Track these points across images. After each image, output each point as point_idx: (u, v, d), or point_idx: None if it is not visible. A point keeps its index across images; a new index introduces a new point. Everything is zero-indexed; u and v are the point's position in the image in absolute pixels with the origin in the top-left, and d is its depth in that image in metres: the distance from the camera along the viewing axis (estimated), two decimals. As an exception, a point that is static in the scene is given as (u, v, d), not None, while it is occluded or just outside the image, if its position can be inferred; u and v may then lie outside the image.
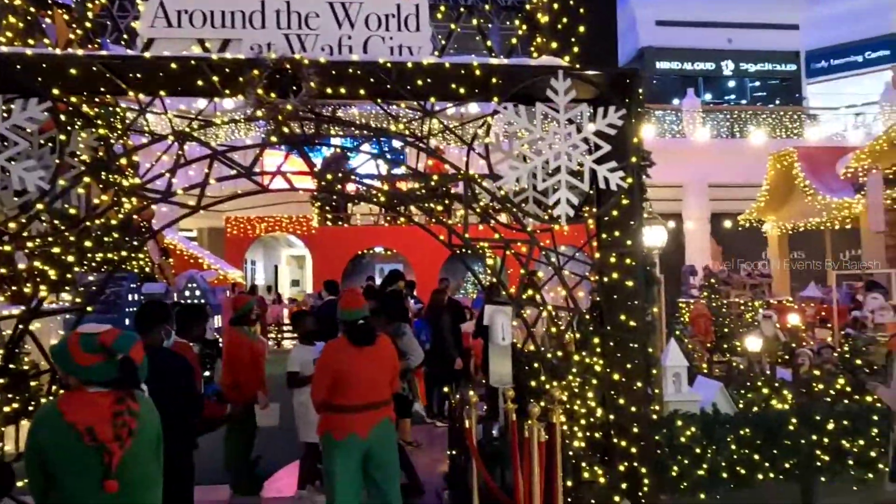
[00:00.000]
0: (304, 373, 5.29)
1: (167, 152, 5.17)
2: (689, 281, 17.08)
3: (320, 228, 17.76)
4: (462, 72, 4.72)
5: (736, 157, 20.75)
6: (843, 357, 6.65)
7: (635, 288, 4.86)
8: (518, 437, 4.20)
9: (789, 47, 26.72)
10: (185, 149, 4.85)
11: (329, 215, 17.73)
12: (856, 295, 11.64)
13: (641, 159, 4.98)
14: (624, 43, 26.57)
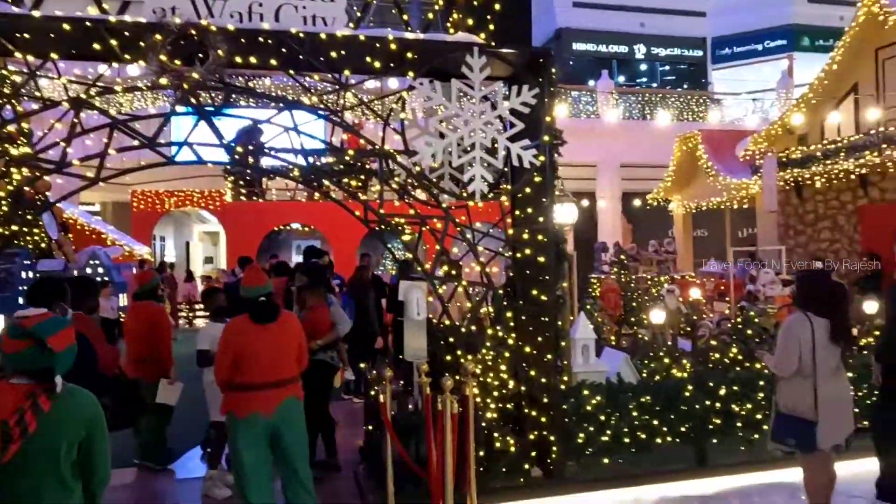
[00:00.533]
0: (214, 350, 5.16)
1: (62, 120, 4.85)
2: (601, 257, 17.71)
3: (234, 203, 17.18)
4: (377, 45, 4.67)
5: (646, 138, 21.56)
6: (735, 328, 7.13)
7: (547, 263, 5.02)
8: (432, 410, 4.28)
9: (697, 34, 27.87)
10: (83, 117, 4.57)
11: (243, 190, 17.17)
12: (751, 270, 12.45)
13: (554, 138, 5.11)
14: (542, 23, 26.92)
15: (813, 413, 4.07)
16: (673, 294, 10.14)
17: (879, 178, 12.62)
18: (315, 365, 5.57)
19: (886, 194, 12.61)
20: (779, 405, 4.27)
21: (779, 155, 14.03)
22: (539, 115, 4.99)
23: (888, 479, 4.55)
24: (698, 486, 5.20)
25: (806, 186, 14.23)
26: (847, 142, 12.48)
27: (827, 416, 4.07)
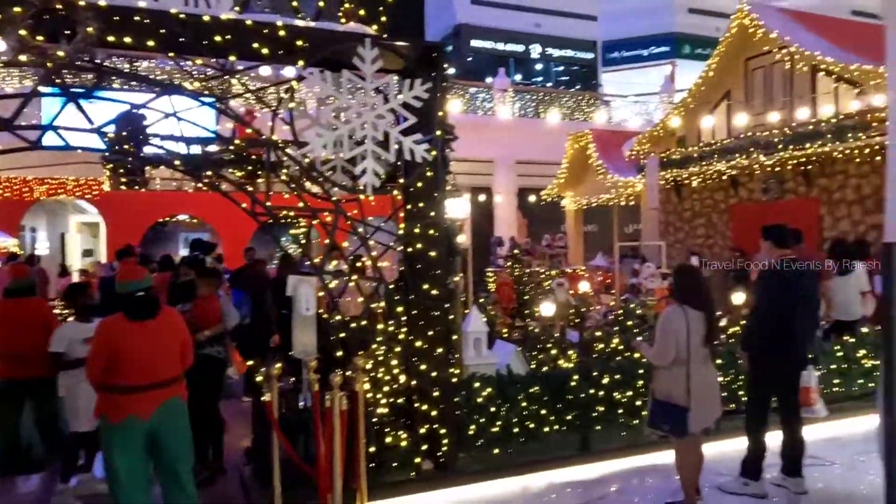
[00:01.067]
0: (72, 354, 4.82)
1: None
2: (497, 251, 18.09)
3: (115, 193, 16.10)
4: (265, 31, 4.50)
5: (540, 136, 22.22)
6: (617, 319, 7.48)
7: (438, 258, 5.04)
8: (321, 407, 4.19)
9: (589, 37, 29.04)
10: (-74, 94, 4.10)
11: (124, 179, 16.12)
12: (634, 264, 13.16)
13: (446, 133, 5.13)
14: (441, 19, 27.11)
15: (686, 399, 4.34)
16: (562, 287, 10.52)
17: (748, 179, 13.67)
18: (202, 360, 5.34)
19: (753, 194, 13.69)
20: (655, 393, 4.52)
21: (660, 156, 14.89)
22: (432, 110, 4.99)
23: (752, 455, 4.93)
24: (582, 471, 5.42)
25: (684, 186, 15.18)
26: (720, 145, 13.43)
27: (698, 401, 4.35)
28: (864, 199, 11.28)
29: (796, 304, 4.72)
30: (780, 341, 4.77)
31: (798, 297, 4.74)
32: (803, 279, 4.83)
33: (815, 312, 4.93)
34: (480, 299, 10.69)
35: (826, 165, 11.82)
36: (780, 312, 4.77)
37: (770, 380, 4.88)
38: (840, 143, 11.02)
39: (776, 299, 4.77)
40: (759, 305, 5.01)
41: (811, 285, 4.93)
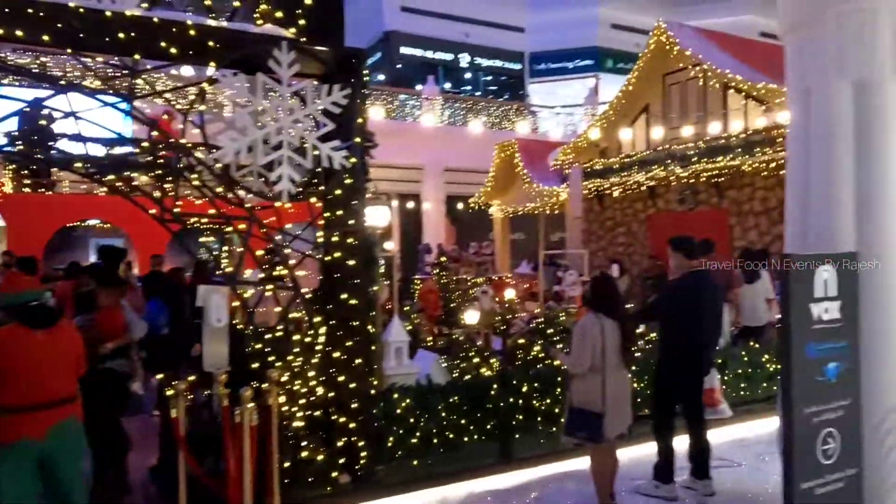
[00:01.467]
0: None
1: None
2: (425, 258, 18.08)
3: (16, 195, 15.07)
4: (173, 29, 4.30)
5: (468, 144, 22.39)
6: (537, 327, 7.58)
7: (357, 267, 4.95)
8: (231, 422, 4.03)
9: (516, 48, 29.53)
10: None
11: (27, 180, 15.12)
12: (557, 272, 13.41)
13: (365, 140, 5.06)
14: (370, 25, 26.95)
15: (601, 406, 4.41)
16: (487, 295, 10.58)
17: (665, 190, 14.19)
18: (104, 375, 5.05)
19: (670, 204, 14.22)
20: (572, 400, 4.58)
21: (584, 166, 15.27)
22: (351, 116, 4.90)
23: (661, 459, 5.07)
24: (502, 479, 5.43)
25: (606, 195, 15.61)
26: (639, 157, 13.89)
27: (612, 408, 4.43)
28: (770, 210, 11.89)
29: (701, 315, 4.89)
30: (683, 350, 4.94)
31: (703, 307, 4.90)
32: (708, 290, 5.00)
33: (718, 322, 5.11)
34: (405, 307, 10.63)
35: (736, 178, 12.41)
36: (686, 322, 4.94)
37: (674, 386, 5.04)
38: (748, 157, 11.60)
39: (682, 310, 4.94)
40: (665, 315, 5.17)
41: (716, 296, 5.10)
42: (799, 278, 3.64)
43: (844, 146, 4.18)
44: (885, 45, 4.10)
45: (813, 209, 4.31)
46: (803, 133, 4.39)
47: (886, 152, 4.11)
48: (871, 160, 4.12)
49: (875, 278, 4.01)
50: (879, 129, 4.12)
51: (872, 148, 4.13)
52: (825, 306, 3.73)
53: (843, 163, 4.18)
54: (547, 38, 28.92)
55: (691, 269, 5.07)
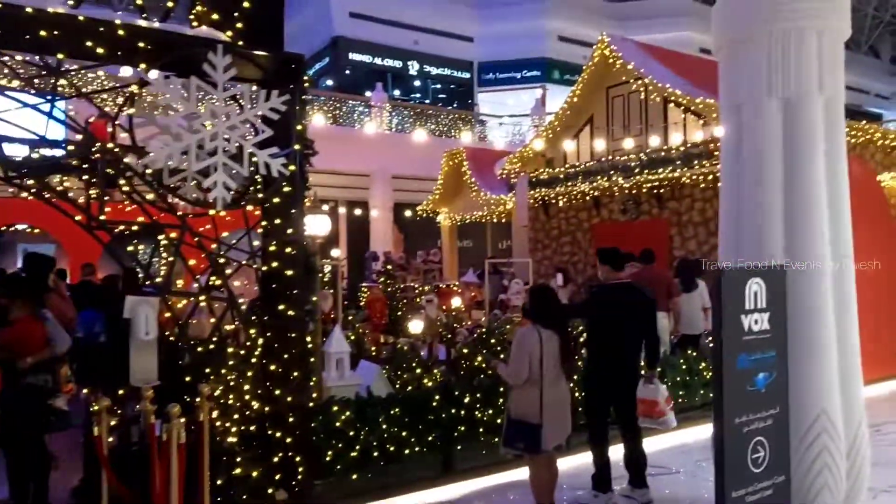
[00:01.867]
0: None
1: None
2: (372, 266, 17.92)
3: (-62, 198, 14.27)
4: (101, 29, 4.12)
5: (417, 151, 22.35)
6: (480, 337, 7.58)
7: (296, 277, 4.82)
8: (158, 439, 3.85)
9: (465, 57, 29.72)
10: None
11: (-51, 183, 14.33)
12: (503, 280, 13.49)
13: (305, 147, 4.95)
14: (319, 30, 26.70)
15: (539, 417, 4.41)
16: (433, 304, 10.54)
17: (608, 200, 14.47)
18: (24, 391, 4.80)
19: (613, 214, 14.50)
20: (510, 412, 4.57)
21: (530, 175, 15.43)
22: (290, 123, 4.79)
23: (598, 469, 5.11)
24: (444, 492, 5.38)
25: (552, 205, 15.81)
26: (583, 167, 14.12)
27: (550, 419, 4.44)
28: (707, 221, 12.25)
29: (622, 326, 4.96)
30: (607, 360, 5.01)
31: (625, 319, 4.96)
32: (632, 302, 5.06)
33: (647, 333, 5.10)
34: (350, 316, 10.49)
35: (676, 189, 12.75)
36: (608, 333, 5.01)
37: (601, 395, 5.09)
38: (688, 169, 11.93)
39: (605, 320, 5.02)
40: (589, 325, 5.25)
41: (639, 308, 5.10)
42: (730, 291, 3.73)
43: (774, 160, 4.32)
44: (812, 63, 4.27)
45: (744, 222, 4.44)
46: (735, 147, 4.52)
47: (813, 167, 4.27)
48: (799, 174, 4.27)
49: (802, 290, 4.14)
50: (806, 145, 4.28)
51: (800, 162, 4.27)
52: (755, 318, 3.83)
53: (772, 176, 4.32)
54: (496, 49, 29.21)
55: (617, 280, 5.15)
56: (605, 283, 5.22)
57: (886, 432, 6.71)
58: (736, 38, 4.49)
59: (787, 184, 4.31)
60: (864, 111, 34.63)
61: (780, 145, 4.32)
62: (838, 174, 4.36)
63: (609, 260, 5.21)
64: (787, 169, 4.31)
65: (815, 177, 4.26)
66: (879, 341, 8.07)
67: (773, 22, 4.30)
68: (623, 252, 5.42)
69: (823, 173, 4.27)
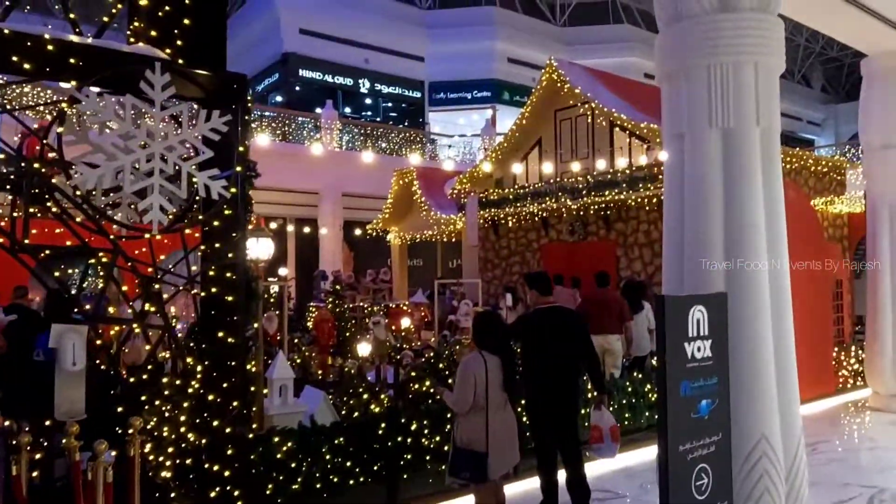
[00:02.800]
0: None
1: None
2: (321, 285, 17.64)
3: None
4: (28, 44, 3.92)
5: (367, 169, 22.24)
6: (429, 361, 7.49)
7: (236, 303, 4.65)
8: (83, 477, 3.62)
9: (416, 76, 29.84)
10: None
11: None
12: (452, 301, 13.45)
13: (247, 169, 4.81)
14: (269, 45, 26.41)
15: (484, 445, 4.34)
16: (380, 325, 10.40)
17: (556, 221, 14.65)
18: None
19: (561, 235, 14.68)
20: (456, 440, 4.48)
21: (480, 195, 15.51)
22: (232, 144, 4.65)
23: (544, 494, 5.06)
24: (389, 522, 5.24)
25: (501, 225, 15.92)
26: (532, 188, 14.28)
27: (496, 447, 4.37)
28: (653, 242, 12.52)
29: (549, 351, 4.90)
30: (539, 383, 4.96)
31: (553, 344, 4.91)
32: (560, 322, 5.01)
33: (582, 353, 5.07)
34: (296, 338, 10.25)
35: (622, 211, 13.00)
36: (537, 358, 4.97)
37: (541, 420, 5.03)
38: (633, 192, 12.18)
39: (534, 346, 4.98)
40: (522, 351, 5.20)
41: (572, 328, 5.07)
42: (673, 318, 3.76)
43: (714, 190, 4.42)
44: (750, 96, 4.39)
45: (686, 249, 4.51)
46: (677, 176, 4.60)
47: (752, 196, 4.38)
48: (738, 202, 4.37)
49: (742, 316, 4.23)
50: (745, 174, 4.38)
51: (739, 192, 4.38)
52: (698, 345, 3.87)
53: (713, 206, 4.41)
54: (446, 69, 29.43)
55: (546, 304, 5.10)
56: (535, 308, 5.17)
57: (822, 451, 6.91)
58: (677, 70, 4.59)
59: (727, 211, 4.41)
60: (797, 137, 36.29)
61: (720, 174, 4.42)
62: (775, 201, 4.48)
63: (536, 284, 5.18)
64: (727, 196, 4.41)
65: (754, 205, 4.36)
66: (813, 360, 8.35)
67: (712, 56, 4.41)
68: (601, 272, 5.36)
69: (762, 201, 4.38)
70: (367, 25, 27.47)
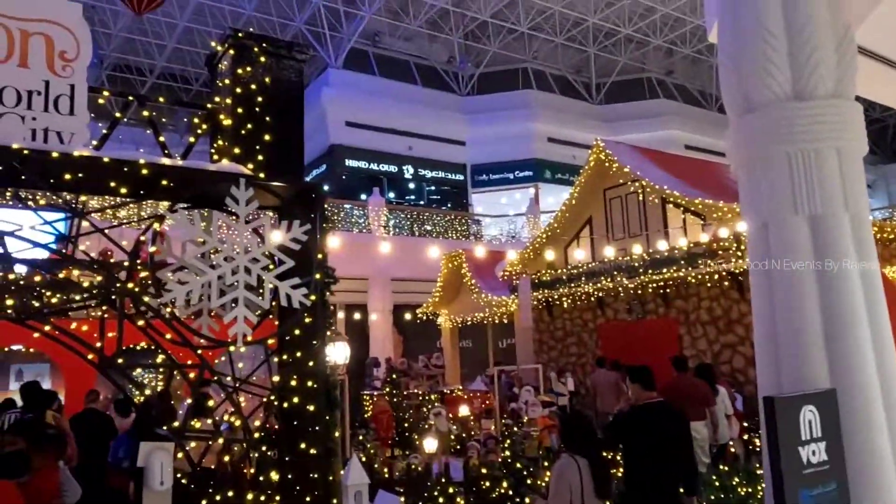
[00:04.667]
0: None
1: None
2: (374, 373, 17.51)
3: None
4: (125, 169, 4.11)
5: (414, 253, 22.46)
6: (505, 462, 7.22)
7: (318, 412, 4.59)
8: None
9: (458, 160, 30.51)
10: None
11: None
12: (512, 387, 13.13)
13: (326, 275, 4.86)
14: (316, 139, 27.48)
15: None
16: (441, 416, 10.17)
17: (613, 300, 14.39)
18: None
19: (619, 314, 14.38)
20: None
21: (532, 276, 15.41)
22: (310, 251, 4.72)
23: None
24: None
25: (555, 305, 15.71)
26: (586, 268, 14.14)
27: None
28: (716, 320, 12.14)
29: (661, 449, 4.69)
30: (647, 487, 4.71)
31: (662, 442, 4.70)
32: (667, 423, 4.82)
33: (682, 456, 4.82)
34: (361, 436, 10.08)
35: (681, 288, 12.71)
36: (647, 458, 4.74)
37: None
38: (692, 268, 11.94)
39: (641, 444, 4.76)
40: (624, 450, 4.98)
41: (678, 429, 4.87)
42: (785, 421, 3.54)
43: (807, 280, 4.24)
44: (836, 182, 4.28)
45: (781, 345, 4.30)
46: (765, 268, 4.45)
47: (848, 284, 4.19)
48: (835, 293, 4.18)
49: (854, 415, 3.95)
50: (839, 262, 4.22)
51: (834, 280, 4.20)
52: (812, 448, 3.62)
53: (807, 296, 4.23)
54: (487, 151, 30.04)
55: (650, 399, 4.93)
56: (637, 405, 5.00)
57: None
58: (754, 158, 4.52)
59: (822, 301, 4.21)
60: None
61: (811, 263, 4.25)
62: (874, 288, 4.27)
63: (640, 378, 5.02)
64: (822, 286, 4.23)
65: (852, 294, 4.16)
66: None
67: (791, 143, 4.33)
68: (678, 356, 5.19)
69: (860, 289, 4.18)
70: (409, 114, 28.44)
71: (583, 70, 32.78)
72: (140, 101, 4.59)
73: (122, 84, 28.91)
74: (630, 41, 30.22)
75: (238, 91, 4.65)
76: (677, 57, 32.05)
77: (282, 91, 4.88)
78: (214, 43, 4.93)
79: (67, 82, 4.19)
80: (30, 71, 4.05)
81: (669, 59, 32.73)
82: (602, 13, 27.21)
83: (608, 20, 27.73)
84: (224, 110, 4.74)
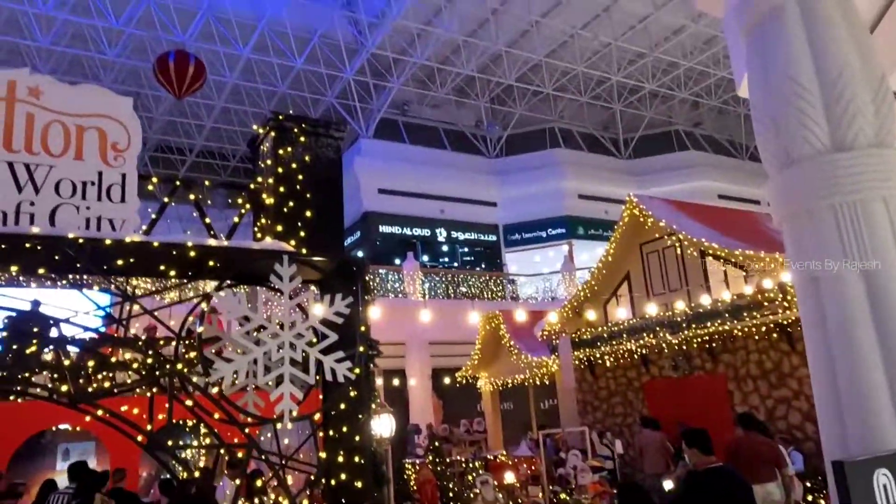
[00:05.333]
0: None
1: None
2: (415, 440, 17.22)
3: (-15, 401, 14.30)
4: (173, 252, 4.23)
5: (451, 316, 22.37)
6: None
7: (365, 488, 4.52)
8: None
9: (490, 221, 30.72)
10: None
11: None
12: (558, 451, 12.75)
13: (370, 347, 4.87)
14: (350, 207, 28.01)
15: None
16: (487, 485, 9.88)
17: (657, 357, 14.03)
18: None
19: (664, 371, 13.99)
20: None
21: (572, 335, 15.17)
22: (353, 324, 4.75)
23: None
24: None
25: (597, 364, 15.37)
26: (627, 325, 13.87)
27: None
28: (767, 373, 11.71)
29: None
30: None
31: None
32: (730, 489, 4.59)
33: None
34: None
35: (727, 342, 12.35)
36: None
37: None
38: (738, 321, 11.62)
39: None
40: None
41: (743, 493, 4.64)
42: (858, 487, 3.34)
43: (866, 334, 4.08)
44: (887, 231, 4.17)
45: (845, 401, 4.11)
46: (820, 324, 4.30)
47: (909, 337, 4.02)
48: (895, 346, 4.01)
49: (932, 477, 3.72)
50: None
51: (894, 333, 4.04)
52: (890, 516, 3.40)
53: (868, 351, 4.06)
54: (519, 211, 30.22)
55: (709, 465, 4.72)
56: (697, 470, 4.78)
57: None
58: (799, 212, 4.45)
59: (884, 356, 4.04)
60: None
61: (868, 317, 4.11)
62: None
63: (697, 442, 4.82)
64: (882, 340, 4.06)
65: (915, 348, 3.99)
66: None
67: (835, 195, 4.26)
68: (743, 413, 4.97)
69: (922, 342, 4.00)
70: (440, 178, 28.91)
71: (609, 126, 33.09)
72: (186, 185, 4.77)
73: (163, 164, 30.15)
74: (655, 96, 30.51)
75: (280, 171, 4.81)
76: (704, 108, 32.18)
77: (321, 168, 5.02)
78: (256, 126, 5.13)
79: (119, 171, 4.38)
80: (84, 163, 4.25)
81: (696, 111, 32.87)
82: (625, 70, 27.62)
83: (632, 77, 28.12)
84: (267, 189, 4.89)
